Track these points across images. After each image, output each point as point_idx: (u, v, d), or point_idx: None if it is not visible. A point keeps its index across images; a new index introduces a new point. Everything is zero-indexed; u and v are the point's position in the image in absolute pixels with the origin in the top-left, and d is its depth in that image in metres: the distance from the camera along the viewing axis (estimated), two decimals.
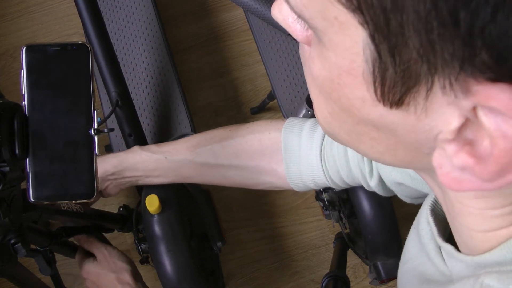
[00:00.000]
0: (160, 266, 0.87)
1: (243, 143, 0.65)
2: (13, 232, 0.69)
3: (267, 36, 1.12)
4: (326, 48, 0.25)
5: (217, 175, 0.68)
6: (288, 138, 0.62)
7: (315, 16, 0.24)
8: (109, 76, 0.80)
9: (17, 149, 0.48)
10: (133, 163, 0.71)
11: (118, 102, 0.80)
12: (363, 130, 0.28)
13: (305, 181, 0.63)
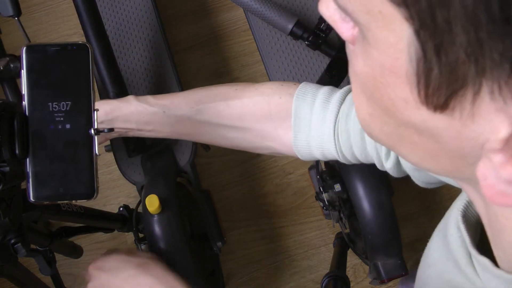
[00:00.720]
0: None
1: (250, 105, 0.61)
2: (13, 232, 0.69)
3: (267, 36, 1.12)
4: (370, 44, 0.24)
5: (217, 135, 0.64)
6: (300, 105, 0.58)
7: (358, 9, 0.23)
8: (108, 77, 0.79)
9: (17, 149, 0.48)
10: (127, 114, 0.64)
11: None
12: (405, 133, 0.27)
13: (313, 152, 0.59)
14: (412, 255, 1.34)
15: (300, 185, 1.38)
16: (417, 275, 0.45)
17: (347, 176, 0.92)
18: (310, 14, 1.14)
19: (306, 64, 1.08)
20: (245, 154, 1.41)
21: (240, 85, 0.64)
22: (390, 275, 0.92)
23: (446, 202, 1.37)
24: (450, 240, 0.38)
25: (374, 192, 0.90)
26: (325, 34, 0.93)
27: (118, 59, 1.13)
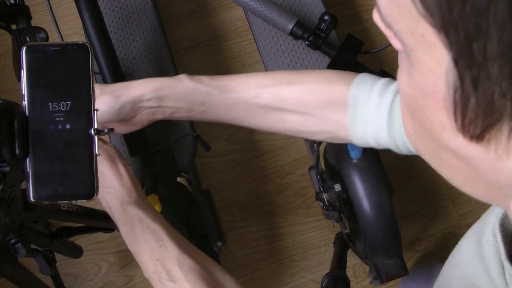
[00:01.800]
0: None
1: (312, 90, 0.60)
2: (13, 232, 0.69)
3: (267, 36, 1.12)
4: (412, 65, 0.24)
5: (275, 119, 0.62)
6: (358, 93, 0.58)
7: (403, 30, 0.23)
8: (109, 76, 0.79)
9: (17, 149, 0.48)
10: (179, 92, 0.62)
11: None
12: (445, 156, 0.26)
13: (368, 140, 0.59)
14: (412, 255, 1.34)
15: (300, 185, 1.38)
16: (441, 272, 0.44)
17: (347, 176, 0.92)
18: (310, 14, 1.14)
19: (306, 64, 1.08)
20: (245, 154, 1.41)
21: (302, 71, 0.63)
22: (390, 275, 0.92)
23: (445, 202, 1.38)
24: (485, 245, 0.37)
25: (374, 192, 0.90)
26: (325, 34, 0.93)
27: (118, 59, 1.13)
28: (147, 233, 0.59)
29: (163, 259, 0.58)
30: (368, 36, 1.53)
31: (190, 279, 0.56)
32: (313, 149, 1.22)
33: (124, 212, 0.61)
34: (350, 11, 1.56)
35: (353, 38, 0.92)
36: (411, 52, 0.24)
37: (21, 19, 0.70)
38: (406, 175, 1.38)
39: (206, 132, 1.42)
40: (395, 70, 1.07)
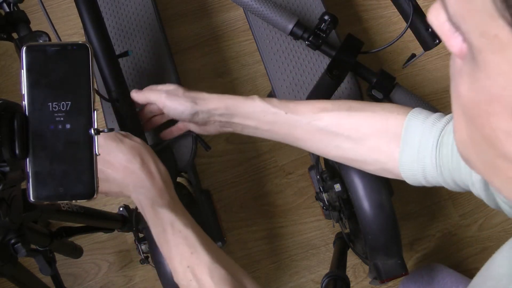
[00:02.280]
0: (161, 266, 0.87)
1: (370, 117, 0.62)
2: (13, 232, 0.69)
3: (267, 36, 1.12)
4: (479, 68, 0.23)
5: (331, 144, 0.65)
6: (411, 122, 0.59)
7: (472, 30, 0.22)
8: (109, 75, 0.79)
9: (17, 149, 0.48)
10: (249, 111, 0.68)
11: (118, 101, 0.78)
12: (502, 166, 0.25)
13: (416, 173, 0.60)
14: (412, 255, 1.34)
15: (300, 185, 1.38)
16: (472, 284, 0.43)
17: (347, 176, 0.92)
18: (311, 14, 1.14)
19: (306, 64, 1.08)
20: (245, 154, 1.41)
21: (365, 102, 0.65)
22: (390, 275, 0.92)
23: (445, 202, 1.38)
24: None
25: (374, 192, 0.90)
26: (325, 34, 0.93)
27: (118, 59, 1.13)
28: (178, 238, 0.60)
29: (194, 266, 0.58)
30: (368, 36, 1.53)
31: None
32: None
33: (155, 214, 0.61)
34: (350, 11, 1.56)
35: (353, 38, 0.92)
36: (479, 55, 0.22)
37: (20, 26, 0.70)
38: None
39: None
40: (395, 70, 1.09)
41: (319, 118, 0.64)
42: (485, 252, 1.34)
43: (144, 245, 0.98)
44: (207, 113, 0.70)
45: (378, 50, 0.97)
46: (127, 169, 0.63)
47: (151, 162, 0.64)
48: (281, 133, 0.68)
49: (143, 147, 0.65)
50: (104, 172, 0.63)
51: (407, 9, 0.89)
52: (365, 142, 0.62)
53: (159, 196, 0.62)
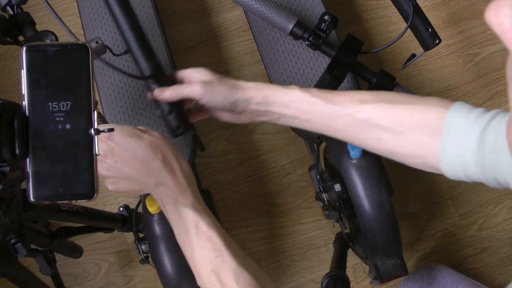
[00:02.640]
0: (160, 266, 0.87)
1: (411, 110, 0.61)
2: (13, 232, 0.69)
3: (267, 36, 1.12)
4: None
5: (371, 136, 0.64)
6: (454, 116, 0.58)
7: None
8: (140, 53, 0.74)
9: (17, 149, 0.48)
10: (288, 100, 0.66)
11: (151, 76, 0.73)
12: None
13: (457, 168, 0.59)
14: (412, 255, 1.34)
15: (300, 185, 1.38)
16: None
17: (347, 176, 0.92)
18: (311, 14, 1.14)
19: (307, 64, 1.08)
20: (245, 154, 1.41)
21: (405, 94, 0.65)
22: (390, 275, 0.92)
23: (445, 202, 1.38)
24: None
25: (374, 192, 0.90)
26: (325, 34, 0.93)
27: (117, 59, 1.13)
28: (203, 239, 0.58)
29: (219, 270, 0.56)
30: (368, 36, 1.53)
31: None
32: (313, 149, 1.22)
33: (178, 214, 0.60)
34: (350, 11, 1.56)
35: (353, 38, 0.92)
36: None
37: (26, 28, 0.68)
38: (406, 175, 1.38)
39: (206, 132, 1.42)
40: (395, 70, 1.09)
41: (360, 109, 0.63)
42: (485, 252, 1.34)
43: (144, 245, 0.98)
44: (244, 101, 0.68)
45: (378, 50, 0.97)
46: (147, 166, 0.60)
47: (172, 158, 0.62)
48: (319, 123, 0.67)
49: (164, 143, 0.63)
50: (123, 170, 0.60)
51: (407, 9, 0.89)
52: (406, 135, 0.61)
53: (181, 194, 0.60)
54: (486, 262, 1.34)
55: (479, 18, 1.56)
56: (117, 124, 0.62)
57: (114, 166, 0.60)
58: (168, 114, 0.72)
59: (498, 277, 1.33)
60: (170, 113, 0.72)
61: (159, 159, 0.61)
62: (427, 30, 0.89)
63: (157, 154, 0.61)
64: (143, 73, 0.73)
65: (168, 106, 0.72)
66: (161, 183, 0.60)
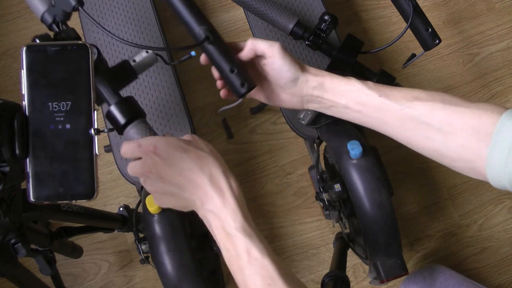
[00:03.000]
0: (161, 266, 0.87)
1: (462, 112, 0.61)
2: (13, 232, 0.69)
3: (267, 36, 1.12)
4: None
5: (420, 134, 0.63)
6: (505, 124, 0.57)
7: None
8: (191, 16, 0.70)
9: (17, 149, 0.48)
10: (343, 89, 0.67)
11: (208, 37, 0.69)
12: None
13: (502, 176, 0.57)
14: (412, 255, 1.34)
15: (300, 185, 1.39)
16: None
17: (347, 176, 0.92)
18: (311, 14, 1.14)
19: (307, 64, 1.08)
20: (245, 154, 1.41)
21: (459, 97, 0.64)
22: (390, 275, 0.92)
23: (445, 202, 1.38)
24: None
25: (374, 192, 0.90)
26: (325, 34, 0.93)
27: (117, 60, 1.13)
28: (255, 266, 0.55)
29: None
30: (368, 36, 1.53)
31: None
32: (313, 149, 1.22)
33: (228, 238, 0.56)
34: (350, 11, 1.56)
35: (353, 38, 0.92)
36: None
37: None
38: (406, 175, 1.38)
39: (206, 132, 1.42)
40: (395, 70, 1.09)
41: (413, 106, 0.63)
42: (485, 252, 1.34)
43: (144, 245, 0.97)
44: (304, 83, 0.68)
45: (378, 50, 0.97)
46: (193, 183, 0.56)
47: (220, 176, 0.57)
48: (371, 115, 0.66)
49: (212, 157, 0.58)
50: (167, 187, 0.57)
51: (407, 9, 0.89)
52: (455, 136, 0.61)
53: (231, 217, 0.56)
54: (486, 262, 1.34)
55: (479, 18, 1.56)
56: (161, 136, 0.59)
57: (158, 182, 0.57)
58: (230, 73, 0.68)
59: (498, 277, 1.33)
60: (232, 71, 0.68)
61: (206, 176, 0.57)
62: (427, 30, 0.89)
63: (204, 170, 0.57)
64: (197, 37, 0.69)
65: (229, 65, 0.69)
66: (208, 203, 0.56)
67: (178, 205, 0.59)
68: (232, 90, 0.69)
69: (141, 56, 0.73)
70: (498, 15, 1.57)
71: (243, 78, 0.68)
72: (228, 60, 0.69)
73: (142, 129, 0.61)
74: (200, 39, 0.68)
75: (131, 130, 0.60)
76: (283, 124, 1.43)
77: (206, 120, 1.44)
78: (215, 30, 0.71)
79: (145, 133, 0.60)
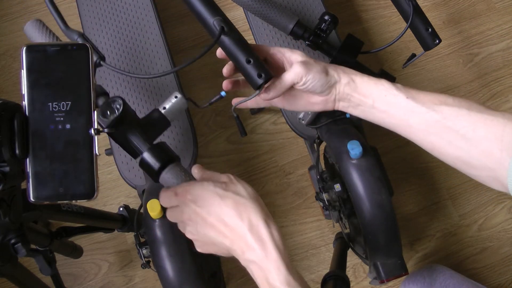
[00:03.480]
0: (162, 271, 0.87)
1: (487, 119, 0.61)
2: (13, 232, 0.69)
3: (267, 36, 1.12)
4: None
5: (444, 138, 0.63)
6: None
7: None
8: (205, 7, 0.70)
9: (17, 149, 0.48)
10: (372, 88, 0.67)
11: (223, 28, 0.67)
12: None
13: None
14: (412, 255, 1.34)
15: (300, 185, 1.38)
16: None
17: (347, 176, 0.92)
18: (311, 14, 1.14)
19: None
20: (245, 154, 1.41)
21: (485, 106, 0.64)
22: (390, 275, 0.92)
23: (445, 202, 1.38)
24: None
25: (374, 192, 0.90)
26: (325, 34, 0.93)
27: (116, 60, 1.13)
28: None
29: None
30: (368, 36, 1.53)
31: None
32: (313, 149, 1.22)
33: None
34: (350, 11, 1.56)
35: (353, 38, 0.92)
36: None
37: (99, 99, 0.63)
38: (406, 175, 1.38)
39: (206, 132, 1.42)
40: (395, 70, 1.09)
41: (439, 110, 0.63)
42: (485, 252, 1.34)
43: (145, 249, 0.97)
44: (337, 82, 0.67)
45: (378, 50, 0.97)
46: (233, 232, 0.55)
47: (260, 224, 0.56)
48: (395, 117, 0.66)
49: (251, 203, 0.57)
50: (207, 236, 0.57)
51: (407, 9, 0.89)
52: (478, 143, 0.61)
53: (274, 269, 0.54)
54: (486, 262, 1.34)
55: (479, 18, 1.56)
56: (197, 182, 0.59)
57: (198, 231, 0.57)
58: (246, 64, 0.67)
59: (498, 277, 1.33)
60: (248, 62, 0.67)
61: (246, 224, 0.55)
62: (427, 30, 0.89)
63: (243, 218, 0.55)
64: (212, 28, 0.68)
65: (244, 56, 0.67)
66: (250, 254, 0.55)
67: (220, 252, 0.58)
68: (249, 82, 0.67)
69: (171, 101, 0.72)
70: (498, 15, 1.57)
71: (259, 69, 0.66)
72: (244, 50, 0.67)
73: (177, 172, 0.60)
74: (216, 31, 0.67)
75: (166, 175, 0.60)
76: (283, 124, 1.43)
77: (206, 120, 1.44)
78: (229, 21, 0.69)
79: (181, 177, 0.59)
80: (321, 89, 0.67)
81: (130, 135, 0.60)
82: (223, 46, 0.69)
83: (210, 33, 0.70)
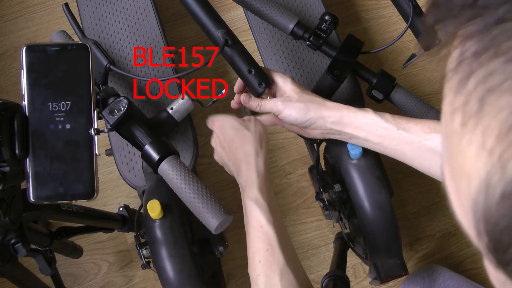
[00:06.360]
0: (162, 271, 0.86)
1: None
2: (13, 232, 0.69)
3: (267, 36, 1.12)
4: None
5: (438, 163, 0.65)
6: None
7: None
8: (209, 20, 0.75)
9: (17, 149, 0.48)
10: (362, 123, 0.69)
11: (227, 41, 0.74)
12: None
13: None
14: (412, 255, 1.34)
15: (300, 185, 1.38)
16: None
17: (347, 176, 0.92)
18: (311, 14, 1.14)
19: (307, 64, 1.08)
20: None
21: None
22: (390, 275, 0.92)
23: (445, 202, 1.37)
24: None
25: (374, 192, 0.90)
26: (326, 35, 0.93)
27: (116, 60, 1.13)
28: (258, 231, 0.62)
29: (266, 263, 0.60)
30: (368, 36, 1.53)
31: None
32: (313, 149, 1.22)
33: (244, 205, 0.65)
34: (350, 11, 1.56)
35: (353, 38, 0.92)
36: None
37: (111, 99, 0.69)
38: (406, 175, 1.38)
39: (206, 132, 1.42)
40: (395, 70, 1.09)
41: (430, 138, 0.65)
42: None
43: (145, 250, 0.97)
44: (321, 119, 0.71)
45: (378, 50, 0.97)
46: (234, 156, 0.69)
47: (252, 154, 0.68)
48: (389, 147, 0.69)
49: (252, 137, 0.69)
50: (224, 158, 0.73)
51: (407, 9, 0.89)
52: None
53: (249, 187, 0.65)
54: None
55: None
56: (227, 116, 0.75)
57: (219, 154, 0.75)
58: (248, 73, 0.75)
59: None
60: (250, 72, 0.75)
61: (243, 153, 0.68)
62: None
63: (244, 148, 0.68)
64: (217, 40, 0.75)
65: (246, 66, 0.76)
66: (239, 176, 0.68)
67: (228, 170, 0.75)
68: (250, 90, 0.76)
69: (177, 102, 0.84)
70: None
71: (260, 78, 0.75)
72: (246, 61, 0.74)
73: (175, 164, 0.68)
74: (220, 43, 0.74)
75: (165, 166, 0.67)
76: None
77: (206, 120, 1.44)
78: (233, 33, 0.75)
79: (178, 169, 0.68)
80: (302, 124, 0.72)
81: (135, 130, 0.67)
82: (226, 56, 0.75)
83: (215, 43, 0.76)
